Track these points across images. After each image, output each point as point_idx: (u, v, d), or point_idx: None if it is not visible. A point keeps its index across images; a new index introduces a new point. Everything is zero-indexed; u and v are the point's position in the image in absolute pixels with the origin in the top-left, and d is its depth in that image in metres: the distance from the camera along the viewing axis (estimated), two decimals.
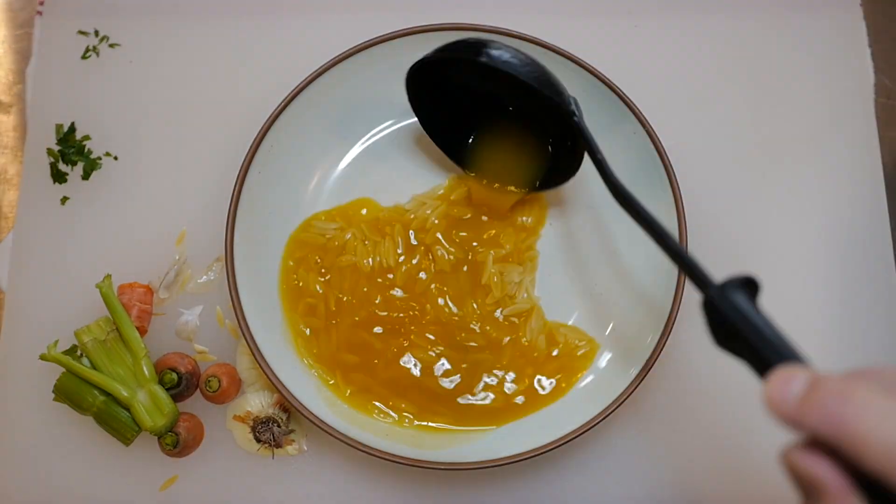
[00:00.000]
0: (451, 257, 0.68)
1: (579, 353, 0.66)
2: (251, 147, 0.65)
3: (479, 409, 0.65)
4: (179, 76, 0.75)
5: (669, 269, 0.63)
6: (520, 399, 0.65)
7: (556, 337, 0.66)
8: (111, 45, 0.76)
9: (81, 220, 0.72)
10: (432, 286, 0.67)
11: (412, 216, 0.69)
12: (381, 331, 0.66)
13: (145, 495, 0.66)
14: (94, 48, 0.76)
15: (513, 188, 0.68)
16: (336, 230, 0.69)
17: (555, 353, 0.66)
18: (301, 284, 0.67)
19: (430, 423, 0.64)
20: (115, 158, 0.73)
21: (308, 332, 0.66)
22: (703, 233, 0.69)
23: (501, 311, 0.67)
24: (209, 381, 0.66)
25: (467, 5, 0.75)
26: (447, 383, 0.65)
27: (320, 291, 0.67)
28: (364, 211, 0.69)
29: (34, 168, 0.74)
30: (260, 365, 0.62)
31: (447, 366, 0.66)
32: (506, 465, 0.60)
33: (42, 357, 0.64)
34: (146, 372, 0.65)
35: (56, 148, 0.73)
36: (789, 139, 0.73)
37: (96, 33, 0.76)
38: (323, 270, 0.68)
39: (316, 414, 0.61)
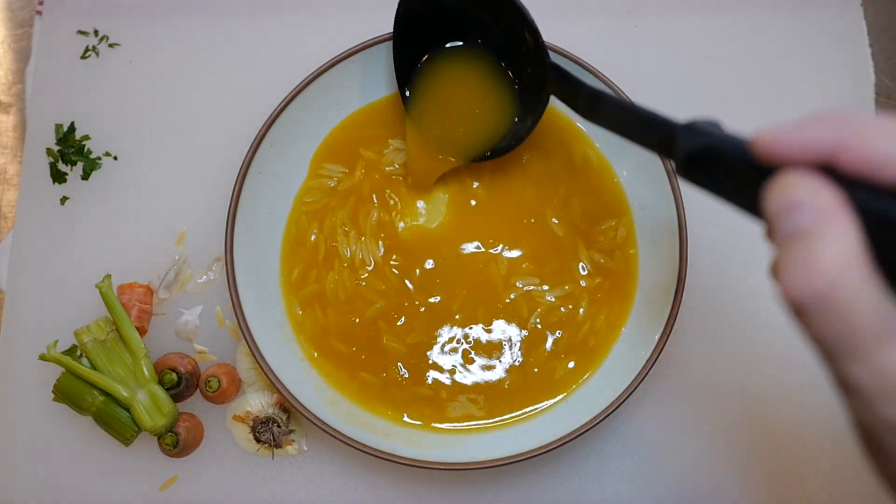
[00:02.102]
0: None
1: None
2: (251, 147, 0.65)
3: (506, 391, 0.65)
4: (179, 76, 0.75)
5: (671, 270, 0.63)
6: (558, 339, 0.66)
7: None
8: (111, 45, 0.76)
9: (81, 220, 0.72)
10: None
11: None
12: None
13: (145, 495, 0.67)
14: (94, 48, 0.76)
15: (450, 156, 0.66)
16: (343, 174, 0.69)
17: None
18: (301, 233, 0.68)
19: (437, 425, 0.65)
20: (115, 158, 0.73)
21: (300, 311, 0.66)
22: (703, 233, 0.70)
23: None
24: (209, 381, 0.66)
25: None
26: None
27: (313, 239, 0.67)
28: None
29: (34, 168, 0.74)
30: (260, 365, 0.62)
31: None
32: (505, 465, 0.60)
33: (42, 357, 0.64)
34: (146, 372, 0.65)
35: (56, 148, 0.73)
36: None
37: (96, 33, 0.76)
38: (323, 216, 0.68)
39: (316, 414, 0.61)
